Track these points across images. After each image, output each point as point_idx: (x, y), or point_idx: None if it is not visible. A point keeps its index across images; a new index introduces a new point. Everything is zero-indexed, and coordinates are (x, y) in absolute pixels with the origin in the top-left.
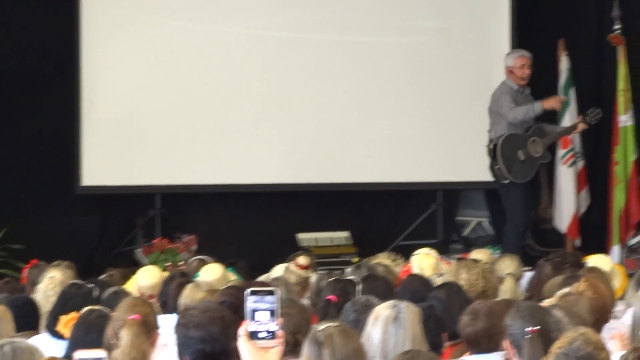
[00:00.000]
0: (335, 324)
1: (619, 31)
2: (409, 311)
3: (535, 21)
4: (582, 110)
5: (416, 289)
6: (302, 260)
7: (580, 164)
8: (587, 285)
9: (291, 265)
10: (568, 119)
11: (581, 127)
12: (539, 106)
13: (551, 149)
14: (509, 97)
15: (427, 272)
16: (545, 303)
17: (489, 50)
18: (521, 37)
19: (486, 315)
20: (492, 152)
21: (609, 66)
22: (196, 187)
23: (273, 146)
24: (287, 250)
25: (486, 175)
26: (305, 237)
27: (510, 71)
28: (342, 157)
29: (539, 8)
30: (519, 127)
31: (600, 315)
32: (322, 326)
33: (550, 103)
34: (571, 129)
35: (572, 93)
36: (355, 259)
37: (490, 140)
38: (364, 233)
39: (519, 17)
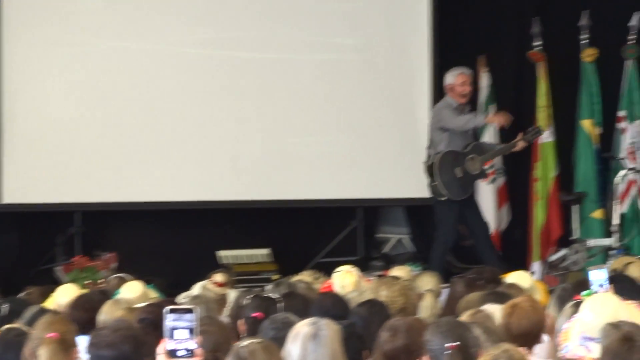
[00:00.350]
0: (258, 340)
1: (539, 48)
2: (329, 329)
3: (456, 38)
4: (503, 127)
5: (329, 307)
6: (219, 277)
7: (501, 180)
8: (522, 300)
9: (207, 283)
10: (487, 135)
11: (521, 145)
12: (480, 119)
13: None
14: (450, 111)
15: (348, 290)
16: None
17: (409, 67)
18: (442, 53)
19: (405, 332)
20: (430, 169)
21: (529, 83)
22: (116, 205)
23: (192, 163)
24: (207, 268)
25: (406, 192)
26: (225, 255)
27: (450, 89)
28: (261, 174)
29: (459, 24)
30: (458, 144)
31: (536, 330)
32: (245, 342)
33: (494, 118)
34: (510, 146)
35: (492, 109)
36: (276, 276)
37: (429, 157)
38: (285, 250)
39: (439, 33)
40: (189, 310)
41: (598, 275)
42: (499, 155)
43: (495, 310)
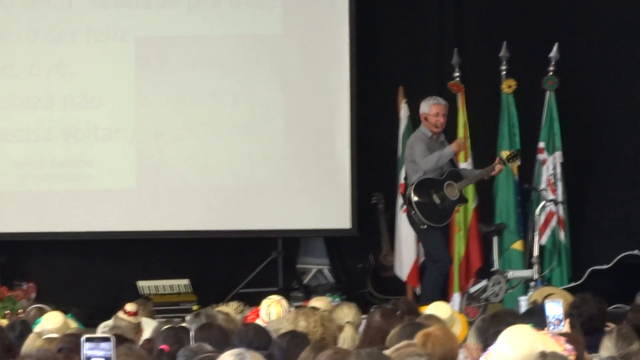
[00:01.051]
0: None
1: (458, 79)
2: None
3: (376, 68)
4: None
5: (251, 338)
6: (129, 307)
7: None
8: (435, 329)
9: (120, 313)
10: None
11: (498, 168)
12: (449, 150)
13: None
14: (422, 145)
15: (274, 319)
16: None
17: (329, 98)
18: (362, 84)
19: None
20: (408, 199)
21: (449, 114)
22: (35, 235)
23: (112, 194)
24: (127, 298)
25: (325, 223)
26: (145, 285)
27: (425, 118)
28: (182, 204)
29: (379, 55)
30: (433, 173)
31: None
32: None
33: (456, 146)
34: (489, 170)
35: None
36: (195, 307)
37: (406, 188)
38: (205, 281)
39: (359, 64)
40: (105, 339)
41: (554, 309)
42: (477, 180)
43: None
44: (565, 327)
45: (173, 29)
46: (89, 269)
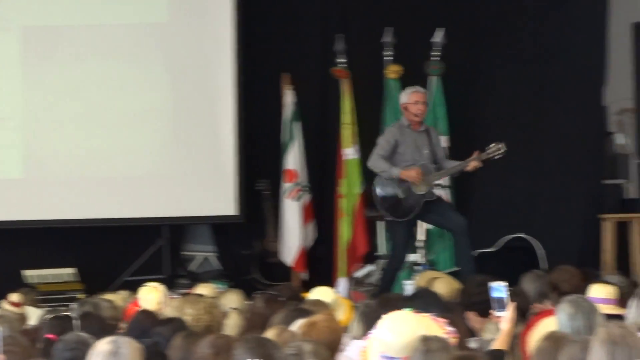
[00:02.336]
0: None
1: (343, 65)
2: (130, 347)
3: (261, 55)
4: (308, 144)
5: (144, 325)
6: (14, 297)
7: (307, 197)
8: (320, 318)
9: (4, 303)
10: (293, 154)
11: (473, 164)
12: (396, 173)
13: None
14: (387, 140)
15: (153, 307)
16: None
17: (213, 85)
18: (246, 71)
19: (215, 348)
20: (372, 191)
21: (334, 100)
22: None
23: None
24: (13, 287)
25: (211, 210)
26: (30, 274)
27: (405, 108)
28: (69, 193)
29: (263, 42)
30: (402, 166)
31: (333, 347)
32: None
33: (408, 174)
34: (463, 165)
35: (297, 127)
36: (81, 296)
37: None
38: (92, 269)
39: (243, 51)
40: None
41: (498, 291)
42: (449, 175)
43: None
44: (509, 311)
45: (59, 18)
46: None
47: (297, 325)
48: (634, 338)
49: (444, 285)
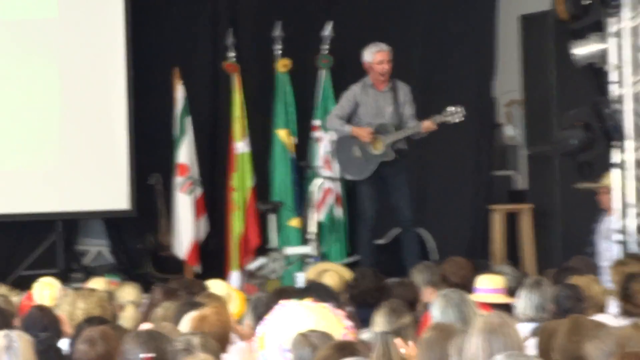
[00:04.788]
0: None
1: (233, 59)
2: (22, 340)
3: (152, 49)
4: (199, 138)
5: (38, 320)
6: None
7: (199, 191)
8: (210, 311)
9: None
10: (184, 148)
11: (427, 125)
12: (348, 130)
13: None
14: (347, 99)
15: (48, 301)
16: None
17: (105, 79)
18: (137, 65)
19: (102, 340)
20: (333, 150)
21: (225, 94)
22: None
23: None
24: None
25: (104, 204)
26: None
27: (369, 67)
28: None
29: (154, 36)
30: (363, 125)
31: (223, 340)
32: None
33: (359, 132)
34: (418, 126)
35: (188, 121)
36: None
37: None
38: None
39: (134, 46)
40: None
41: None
42: (405, 136)
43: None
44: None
45: None
46: None
47: (188, 318)
48: (512, 328)
49: (333, 278)
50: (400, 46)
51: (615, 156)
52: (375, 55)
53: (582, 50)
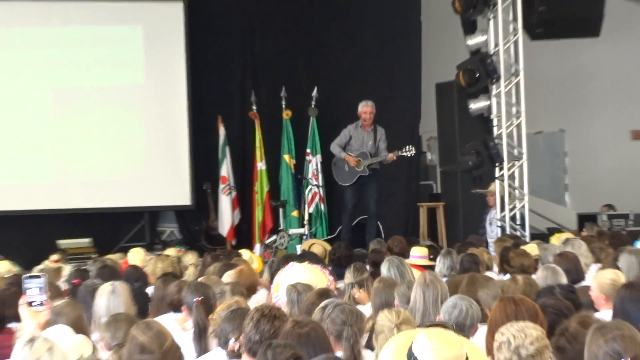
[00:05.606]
0: (66, 300)
1: (255, 110)
2: (122, 287)
3: (204, 102)
4: (234, 160)
5: (132, 275)
6: (54, 257)
7: (234, 193)
8: (243, 268)
9: (47, 261)
10: (225, 166)
11: (391, 156)
12: (342, 156)
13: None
14: (345, 134)
15: (138, 263)
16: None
17: (174, 124)
18: (194, 112)
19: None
20: (333, 166)
21: (250, 132)
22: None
23: (39, 176)
24: (53, 251)
25: (175, 202)
26: (63, 242)
27: (359, 114)
28: (87, 190)
29: (205, 94)
30: (352, 151)
31: (251, 287)
32: (57, 303)
33: (348, 159)
34: (384, 157)
35: (227, 149)
36: (94, 256)
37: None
38: (101, 239)
39: (192, 101)
40: (39, 276)
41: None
42: (377, 162)
43: (226, 275)
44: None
45: (67, 81)
46: (29, 233)
47: (228, 273)
48: (441, 283)
49: (319, 248)
50: (358, 99)
51: (496, 172)
52: (362, 108)
53: (475, 105)
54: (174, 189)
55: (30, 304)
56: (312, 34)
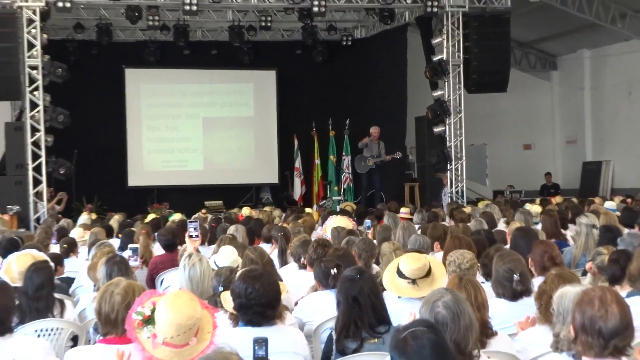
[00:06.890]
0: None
1: (314, 129)
2: (241, 228)
3: (286, 122)
4: (303, 158)
5: (246, 222)
6: (203, 210)
7: (302, 176)
8: (307, 217)
9: (199, 213)
10: (297, 161)
11: (388, 158)
12: (366, 157)
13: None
14: (365, 144)
15: (248, 214)
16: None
17: (269, 137)
18: (281, 130)
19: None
20: (357, 162)
21: (311, 144)
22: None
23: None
24: (202, 207)
25: (269, 180)
26: (209, 203)
27: (370, 133)
28: (223, 176)
29: (287, 116)
30: (367, 155)
31: (311, 228)
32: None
33: (368, 160)
34: (384, 159)
35: (299, 152)
36: (224, 211)
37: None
38: (228, 201)
39: (280, 121)
40: (195, 221)
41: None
42: (380, 160)
43: (297, 222)
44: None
45: (204, 112)
46: (188, 196)
47: (299, 220)
48: (412, 228)
49: (349, 207)
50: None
51: (448, 166)
52: (372, 130)
53: (436, 129)
54: (269, 173)
55: (190, 236)
56: (339, 89)
